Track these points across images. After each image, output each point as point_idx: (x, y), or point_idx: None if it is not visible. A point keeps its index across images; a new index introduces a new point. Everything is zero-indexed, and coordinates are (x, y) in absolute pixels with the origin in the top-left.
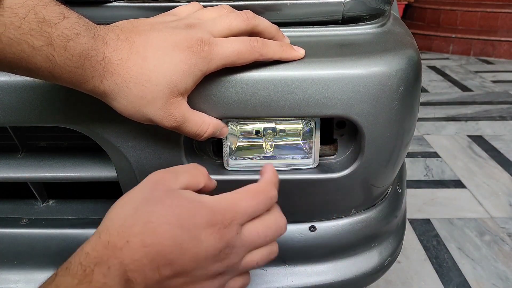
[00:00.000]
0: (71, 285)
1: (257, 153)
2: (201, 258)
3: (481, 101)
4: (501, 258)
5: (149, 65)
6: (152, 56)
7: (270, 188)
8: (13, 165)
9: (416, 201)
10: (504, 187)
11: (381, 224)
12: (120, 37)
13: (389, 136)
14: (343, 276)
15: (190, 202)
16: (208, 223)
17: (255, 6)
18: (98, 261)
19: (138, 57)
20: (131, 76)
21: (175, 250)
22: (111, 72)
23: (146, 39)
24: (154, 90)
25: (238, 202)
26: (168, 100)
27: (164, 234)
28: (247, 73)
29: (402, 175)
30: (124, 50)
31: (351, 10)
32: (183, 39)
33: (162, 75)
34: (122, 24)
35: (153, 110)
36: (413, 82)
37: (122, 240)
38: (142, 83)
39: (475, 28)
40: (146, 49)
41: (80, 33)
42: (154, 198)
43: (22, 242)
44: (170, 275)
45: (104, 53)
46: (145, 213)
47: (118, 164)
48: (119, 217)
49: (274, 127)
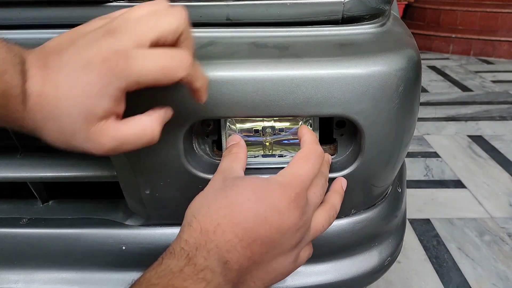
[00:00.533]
0: (179, 266)
1: (256, 152)
2: (285, 228)
3: (481, 101)
4: (501, 258)
5: (60, 95)
6: (63, 83)
7: (314, 146)
8: (13, 165)
9: (416, 201)
10: (504, 187)
11: (381, 224)
12: (37, 63)
13: (389, 136)
14: (343, 276)
15: (260, 181)
16: (284, 195)
17: (255, 6)
18: (197, 246)
19: (51, 87)
20: (47, 111)
21: (261, 224)
22: (29, 109)
23: (60, 61)
24: (70, 123)
25: (299, 171)
26: (88, 130)
27: (248, 211)
28: (247, 73)
29: (402, 175)
30: (38, 80)
31: (351, 10)
32: (96, 54)
33: (73, 105)
34: (46, 45)
35: (79, 143)
36: (413, 82)
37: (212, 224)
38: (57, 118)
39: (475, 28)
40: (58, 75)
41: (7, 70)
42: (228, 185)
43: (22, 242)
44: (261, 250)
45: (22, 88)
46: (225, 197)
47: (118, 164)
48: (202, 206)
49: (273, 126)
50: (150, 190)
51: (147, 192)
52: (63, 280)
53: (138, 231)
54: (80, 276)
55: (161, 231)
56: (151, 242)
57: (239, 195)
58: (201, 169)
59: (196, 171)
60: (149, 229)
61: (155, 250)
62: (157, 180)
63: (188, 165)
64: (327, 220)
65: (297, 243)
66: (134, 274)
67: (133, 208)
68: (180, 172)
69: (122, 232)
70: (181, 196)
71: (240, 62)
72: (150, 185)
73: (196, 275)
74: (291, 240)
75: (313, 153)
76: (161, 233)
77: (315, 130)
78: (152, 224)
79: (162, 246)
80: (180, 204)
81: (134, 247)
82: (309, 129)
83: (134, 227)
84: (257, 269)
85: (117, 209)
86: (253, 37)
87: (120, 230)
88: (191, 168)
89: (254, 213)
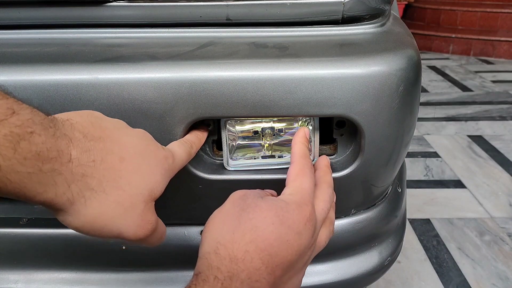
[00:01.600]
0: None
1: (256, 153)
2: (302, 249)
3: (481, 101)
4: (501, 258)
5: (128, 167)
6: (129, 158)
7: (305, 159)
8: None
9: (416, 201)
10: (504, 187)
11: (381, 224)
12: (87, 136)
13: (389, 136)
14: (343, 276)
15: (279, 202)
16: (301, 215)
17: (255, 6)
18: (230, 276)
19: (115, 158)
20: (108, 180)
21: (284, 248)
22: (82, 174)
23: (118, 139)
24: (134, 194)
25: (303, 186)
26: (147, 205)
27: (272, 235)
28: (246, 73)
29: (402, 175)
30: (96, 151)
31: (351, 10)
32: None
33: (142, 178)
34: (80, 121)
35: (129, 219)
36: (413, 82)
37: (240, 251)
38: (121, 187)
39: (475, 28)
40: (121, 150)
41: (35, 131)
42: (249, 206)
43: (22, 242)
44: (281, 274)
45: (70, 154)
46: (248, 220)
47: None
48: (226, 231)
49: (272, 126)
50: None
51: None
52: (63, 280)
53: None
54: (80, 276)
55: None
56: None
57: (263, 219)
58: (201, 169)
59: (196, 171)
60: None
61: (155, 250)
62: None
63: (188, 165)
64: (328, 235)
65: (307, 261)
66: (134, 274)
67: None
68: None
69: None
70: (181, 196)
71: (240, 62)
72: None
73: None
74: (304, 259)
75: (306, 166)
76: None
77: (315, 130)
78: None
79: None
80: (181, 204)
81: (134, 247)
82: (301, 140)
83: None
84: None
85: None
86: (253, 37)
87: None
88: (191, 168)
89: (278, 237)
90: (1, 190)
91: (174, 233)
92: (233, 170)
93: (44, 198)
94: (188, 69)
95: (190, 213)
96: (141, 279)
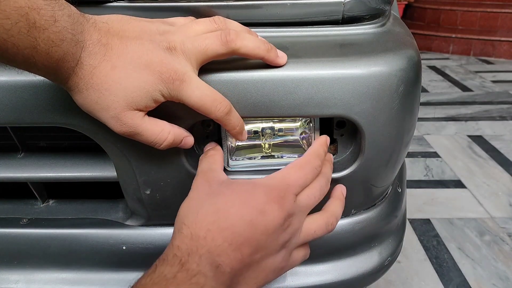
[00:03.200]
0: (172, 272)
1: (256, 153)
2: (270, 230)
3: (481, 101)
4: (501, 258)
5: (115, 75)
6: (121, 67)
7: (314, 159)
8: (13, 165)
9: (416, 201)
10: (504, 187)
11: (381, 224)
12: (101, 40)
13: (389, 136)
14: (343, 276)
15: (244, 185)
16: (267, 197)
17: (255, 6)
18: (189, 252)
19: (108, 65)
20: (93, 83)
21: (247, 227)
22: (77, 74)
23: (124, 48)
24: (110, 100)
25: (288, 176)
26: (122, 111)
27: (234, 216)
28: (246, 73)
29: (402, 175)
30: (98, 56)
31: (351, 10)
32: (158, 63)
33: (123, 89)
34: (111, 23)
35: (105, 117)
36: (413, 82)
37: (203, 230)
38: (101, 90)
39: (475, 28)
40: (119, 58)
41: (65, 39)
42: (214, 191)
43: (22, 242)
44: (250, 252)
45: (79, 58)
46: (212, 204)
47: (118, 164)
48: (191, 213)
49: (272, 126)
50: (150, 190)
51: (147, 192)
52: (63, 280)
53: (138, 231)
54: (80, 276)
55: (161, 231)
56: (151, 242)
57: (225, 202)
58: None
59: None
60: (149, 229)
61: (155, 250)
62: (157, 180)
63: (188, 166)
64: (323, 226)
65: (284, 243)
66: (134, 274)
67: (133, 208)
68: (180, 172)
69: (122, 232)
70: (181, 196)
71: (240, 62)
72: (150, 185)
73: (189, 280)
74: (278, 241)
75: (309, 165)
76: (161, 233)
77: (315, 130)
78: (152, 224)
79: (162, 246)
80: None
81: (134, 247)
82: (320, 142)
83: (134, 227)
84: (248, 270)
85: (117, 209)
86: None
87: (120, 230)
88: (191, 168)
89: (240, 217)
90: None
91: None
92: (233, 170)
93: (55, 81)
94: None
95: None
96: None
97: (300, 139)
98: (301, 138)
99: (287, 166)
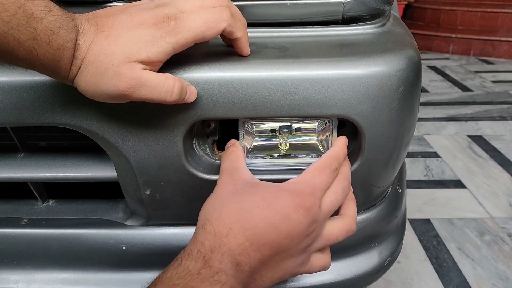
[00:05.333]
0: (196, 268)
1: (272, 152)
2: (294, 235)
3: (481, 101)
4: (501, 258)
5: (110, 40)
6: (115, 34)
7: (333, 161)
8: (13, 165)
9: (416, 201)
10: (504, 187)
11: (381, 224)
12: (91, 20)
13: (389, 136)
14: (343, 276)
15: (268, 187)
16: (293, 202)
17: (255, 6)
18: (212, 248)
19: (102, 36)
20: (91, 56)
21: (270, 230)
22: (76, 58)
23: (113, 20)
24: (108, 62)
25: (312, 180)
26: (120, 64)
27: (258, 217)
28: (246, 73)
29: (402, 175)
30: (90, 32)
31: (351, 10)
32: (149, 17)
33: (120, 46)
34: (97, 11)
35: (107, 84)
36: (413, 82)
37: (225, 228)
38: (98, 58)
39: (475, 28)
40: (111, 28)
41: (63, 27)
42: (239, 190)
43: (22, 242)
44: (270, 254)
45: (76, 42)
46: (236, 203)
47: (118, 164)
48: (215, 210)
49: (289, 125)
50: (150, 190)
51: (147, 192)
52: (63, 280)
53: (138, 231)
54: (80, 276)
55: (161, 231)
56: (151, 242)
57: (250, 203)
58: (201, 170)
59: (196, 172)
60: (149, 229)
61: (155, 250)
62: (157, 180)
63: (188, 166)
64: (344, 232)
65: (305, 248)
66: (134, 274)
67: (133, 208)
68: (180, 172)
69: (122, 232)
70: (181, 196)
71: (240, 63)
72: (150, 185)
73: (212, 277)
74: (300, 245)
75: (329, 168)
76: (161, 233)
77: (333, 129)
78: (152, 224)
79: (162, 246)
80: (180, 204)
81: (134, 247)
82: (339, 144)
83: (134, 227)
84: (266, 269)
85: (117, 209)
86: (253, 37)
87: (120, 230)
88: (191, 168)
89: (263, 219)
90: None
91: (174, 233)
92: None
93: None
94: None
95: (190, 214)
96: (141, 279)
97: (318, 140)
98: (319, 139)
99: (307, 170)
